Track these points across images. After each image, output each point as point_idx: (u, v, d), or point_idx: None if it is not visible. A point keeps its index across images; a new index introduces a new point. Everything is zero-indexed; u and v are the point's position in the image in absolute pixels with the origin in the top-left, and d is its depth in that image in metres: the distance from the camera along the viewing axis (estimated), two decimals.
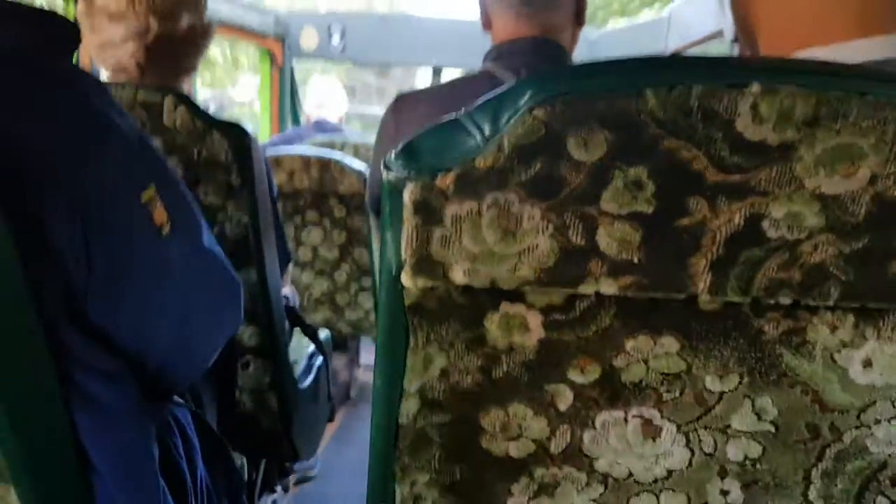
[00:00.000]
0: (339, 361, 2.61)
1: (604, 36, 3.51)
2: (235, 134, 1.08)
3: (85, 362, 0.65)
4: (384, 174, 0.42)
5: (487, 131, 0.41)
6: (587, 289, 0.43)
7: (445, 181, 0.41)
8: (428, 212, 0.42)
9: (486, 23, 1.13)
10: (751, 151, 0.39)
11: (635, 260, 0.42)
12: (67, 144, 0.62)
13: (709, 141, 0.39)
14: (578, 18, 1.13)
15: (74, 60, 0.76)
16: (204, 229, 0.78)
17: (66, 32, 0.69)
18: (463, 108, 0.42)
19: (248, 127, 1.11)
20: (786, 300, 0.43)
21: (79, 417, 0.66)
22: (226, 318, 0.82)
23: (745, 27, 0.63)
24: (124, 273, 0.67)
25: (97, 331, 0.67)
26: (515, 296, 0.45)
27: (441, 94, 1.14)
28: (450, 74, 3.69)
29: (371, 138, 3.10)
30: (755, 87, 0.38)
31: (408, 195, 0.42)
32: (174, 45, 1.12)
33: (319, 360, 1.58)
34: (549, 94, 0.40)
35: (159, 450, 0.77)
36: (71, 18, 0.74)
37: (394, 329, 0.46)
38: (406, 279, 0.44)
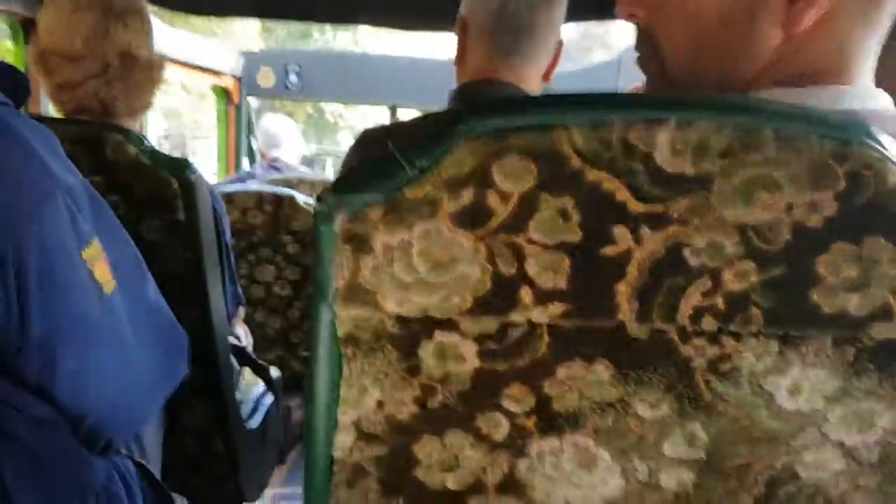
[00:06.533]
0: (293, 401, 2.56)
1: (556, 79, 3.59)
2: (180, 170, 1.07)
3: (14, 406, 0.62)
4: (316, 205, 0.43)
5: (419, 163, 0.41)
6: (518, 317, 0.44)
7: (376, 211, 0.42)
8: (358, 241, 0.42)
9: (460, 56, 1.14)
10: (670, 183, 0.41)
11: (564, 288, 0.43)
12: (7, 204, 0.60)
13: (630, 173, 0.41)
14: (547, 74, 1.16)
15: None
16: (149, 281, 0.76)
17: (17, 85, 0.67)
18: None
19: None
20: (710, 327, 0.44)
21: (5, 465, 0.62)
22: (169, 373, 0.80)
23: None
24: (63, 332, 0.64)
25: (30, 384, 0.64)
26: (449, 325, 0.45)
27: (405, 131, 1.14)
28: (407, 114, 3.73)
29: (326, 175, 3.10)
30: (672, 121, 0.40)
31: (339, 224, 0.42)
32: (135, 79, 1.12)
33: (269, 399, 1.55)
34: (479, 127, 0.41)
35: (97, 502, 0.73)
36: (21, 62, 0.73)
37: (327, 360, 0.46)
38: (338, 309, 0.44)
